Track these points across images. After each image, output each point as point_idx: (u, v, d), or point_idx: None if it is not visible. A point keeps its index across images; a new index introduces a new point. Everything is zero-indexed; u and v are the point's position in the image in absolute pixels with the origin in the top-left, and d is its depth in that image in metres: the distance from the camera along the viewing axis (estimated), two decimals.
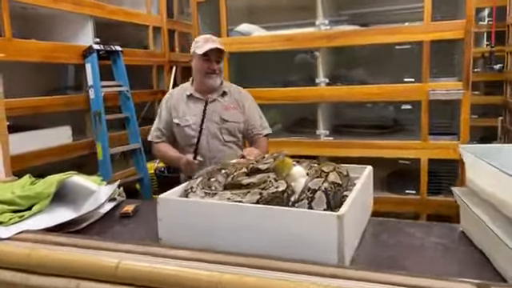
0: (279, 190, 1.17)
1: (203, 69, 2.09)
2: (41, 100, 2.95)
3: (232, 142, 2.14)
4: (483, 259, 1.13)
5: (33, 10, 3.02)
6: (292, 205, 1.19)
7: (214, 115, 2.11)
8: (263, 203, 1.15)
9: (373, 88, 2.73)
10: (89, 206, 1.51)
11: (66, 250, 1.14)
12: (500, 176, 1.03)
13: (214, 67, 2.09)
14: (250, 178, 1.27)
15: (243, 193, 1.19)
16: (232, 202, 1.16)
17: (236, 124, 2.14)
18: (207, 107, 2.06)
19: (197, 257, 1.08)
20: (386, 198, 2.81)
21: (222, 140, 2.12)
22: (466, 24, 2.44)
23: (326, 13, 2.81)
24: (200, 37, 2.17)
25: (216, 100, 2.14)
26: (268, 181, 1.21)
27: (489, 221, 1.10)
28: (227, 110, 2.14)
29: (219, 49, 2.07)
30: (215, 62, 2.09)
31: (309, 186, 1.19)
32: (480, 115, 4.86)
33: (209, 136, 2.10)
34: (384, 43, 2.69)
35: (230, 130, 2.13)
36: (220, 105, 2.14)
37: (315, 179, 1.21)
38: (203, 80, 2.12)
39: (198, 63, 2.10)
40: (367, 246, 1.24)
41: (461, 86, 2.50)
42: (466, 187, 1.35)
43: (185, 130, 2.11)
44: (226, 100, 2.16)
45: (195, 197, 1.24)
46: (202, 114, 2.05)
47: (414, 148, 2.66)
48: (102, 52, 3.28)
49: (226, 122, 2.12)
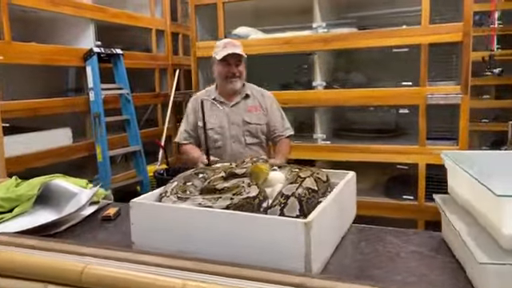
0: (250, 196, 1.15)
1: (223, 73, 2.16)
2: (41, 102, 2.98)
3: (254, 143, 2.19)
4: (459, 269, 1.09)
5: (33, 13, 3.06)
6: (264, 211, 1.17)
7: (236, 118, 2.17)
8: (233, 209, 1.13)
9: (370, 92, 2.70)
10: (70, 209, 1.51)
11: (36, 252, 1.14)
12: (473, 183, 1.00)
13: (233, 71, 2.14)
14: (225, 183, 1.25)
15: (215, 198, 1.17)
16: (202, 207, 1.14)
17: (258, 126, 2.18)
18: (230, 110, 2.15)
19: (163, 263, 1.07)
20: (384, 204, 2.77)
21: (243, 142, 2.16)
22: (464, 26, 2.39)
23: (324, 16, 2.79)
24: (220, 42, 2.25)
25: (239, 103, 2.20)
26: (241, 186, 1.18)
27: (463, 229, 1.07)
28: (250, 112, 2.19)
29: (238, 53, 2.11)
30: (234, 65, 2.14)
31: (282, 192, 1.16)
32: (491, 119, 4.75)
33: (231, 139, 2.16)
34: (381, 46, 2.65)
35: (252, 132, 2.18)
36: (242, 107, 2.19)
37: (290, 185, 1.19)
38: (224, 84, 2.18)
39: (218, 68, 2.17)
40: (342, 253, 1.21)
41: (459, 90, 2.45)
42: (449, 194, 1.32)
43: (208, 133, 2.13)
44: (249, 103, 2.21)
45: (168, 201, 1.23)
46: (224, 118, 2.14)
47: (411, 153, 2.62)
48: (102, 55, 3.31)
49: (249, 124, 2.17)
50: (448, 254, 1.19)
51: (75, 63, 3.24)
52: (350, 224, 1.42)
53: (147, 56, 4.07)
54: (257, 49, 2.92)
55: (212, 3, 3.00)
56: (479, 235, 1.02)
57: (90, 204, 1.61)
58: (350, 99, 2.74)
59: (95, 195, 1.65)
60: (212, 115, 2.16)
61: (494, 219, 0.94)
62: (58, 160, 3.05)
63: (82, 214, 1.56)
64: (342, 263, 1.16)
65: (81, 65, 3.26)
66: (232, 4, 2.97)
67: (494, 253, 0.93)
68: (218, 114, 2.17)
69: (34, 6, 2.89)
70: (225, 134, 2.15)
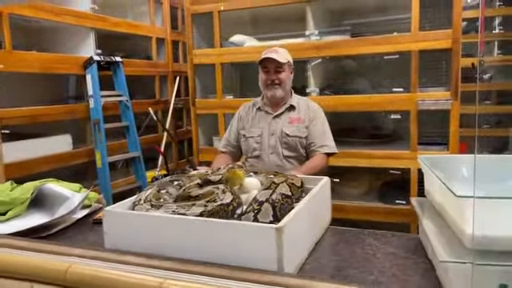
0: (224, 203, 1.16)
1: (263, 80, 2.13)
2: (42, 109, 3.05)
3: (292, 157, 2.12)
4: (431, 269, 1.12)
5: (36, 22, 3.14)
6: (238, 217, 1.18)
7: (277, 129, 2.13)
8: (207, 216, 1.13)
9: (362, 98, 2.74)
10: (61, 212, 1.56)
11: (25, 253, 1.19)
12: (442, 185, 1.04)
13: (272, 78, 2.09)
14: (199, 190, 1.26)
15: (188, 205, 1.17)
16: (176, 214, 1.15)
17: (298, 139, 2.11)
18: (272, 120, 2.12)
19: (145, 262, 1.11)
20: (378, 208, 2.80)
21: (280, 154, 2.11)
22: (453, 33, 2.43)
23: (317, 24, 2.84)
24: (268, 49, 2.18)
25: (282, 114, 2.16)
26: (215, 193, 1.20)
27: (434, 231, 1.10)
28: (291, 123, 2.13)
29: (275, 58, 2.05)
30: (274, 72, 2.09)
31: (256, 198, 1.18)
32: (493, 125, 4.75)
33: (269, 150, 2.12)
34: (373, 53, 2.70)
35: (290, 145, 2.11)
36: (284, 118, 2.15)
37: (264, 190, 1.20)
38: (265, 91, 2.16)
39: (260, 75, 2.15)
40: (319, 255, 1.25)
41: (449, 96, 2.49)
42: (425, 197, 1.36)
43: (249, 141, 2.16)
44: (292, 114, 2.15)
45: (141, 209, 1.23)
46: (266, 127, 2.12)
47: (403, 158, 2.64)
48: (102, 63, 3.38)
49: (288, 136, 2.11)
50: (422, 255, 1.23)
51: (75, 71, 3.31)
52: (327, 227, 1.45)
53: (148, 63, 4.14)
54: (252, 56, 2.97)
55: (208, 12, 3.07)
56: (448, 236, 1.05)
57: (82, 207, 1.67)
58: (343, 105, 2.78)
59: (87, 199, 1.70)
60: (254, 124, 2.17)
61: (458, 219, 0.98)
62: (58, 166, 3.10)
63: (73, 217, 1.62)
64: (320, 263, 1.20)
65: (81, 73, 3.33)
66: (227, 12, 3.03)
67: (458, 252, 0.96)
68: (260, 123, 2.17)
69: (36, 15, 2.96)
70: (264, 143, 2.13)
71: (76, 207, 1.58)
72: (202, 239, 1.10)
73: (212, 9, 3.04)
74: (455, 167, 1.33)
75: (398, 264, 1.17)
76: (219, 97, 3.12)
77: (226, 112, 3.12)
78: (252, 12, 3.16)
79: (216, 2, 3.03)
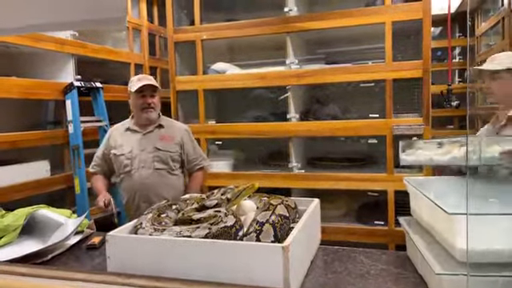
0: (228, 225, 1.22)
1: (139, 104, 2.32)
2: (20, 135, 3.00)
3: (163, 169, 2.31)
4: (422, 283, 1.21)
5: (15, 48, 3.13)
6: (240, 238, 1.23)
7: (148, 145, 2.31)
8: (211, 237, 1.18)
9: (340, 123, 2.86)
10: (55, 238, 1.56)
11: (25, 279, 1.19)
12: (431, 204, 1.14)
13: (148, 101, 2.31)
14: (199, 214, 1.30)
15: (192, 228, 1.22)
16: (181, 237, 1.19)
17: (168, 153, 2.33)
18: (142, 137, 2.31)
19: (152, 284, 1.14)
20: (356, 229, 2.89)
21: (152, 167, 2.29)
22: (423, 64, 2.61)
23: (296, 52, 2.97)
24: (134, 77, 2.44)
25: (152, 132, 2.35)
26: (218, 216, 1.25)
27: (424, 246, 1.19)
28: (161, 140, 2.34)
29: (153, 85, 2.30)
30: (149, 96, 2.32)
31: (257, 219, 1.24)
32: None
33: (141, 163, 2.28)
34: (350, 81, 2.85)
35: (162, 158, 2.31)
36: (155, 136, 2.35)
37: (263, 212, 1.27)
38: (140, 114, 2.34)
39: (134, 99, 2.34)
40: (317, 273, 1.31)
41: (422, 122, 2.65)
42: (412, 217, 1.45)
43: (120, 159, 2.31)
44: (162, 132, 2.37)
45: (145, 233, 1.25)
46: (136, 144, 2.29)
47: (380, 180, 2.76)
48: (82, 88, 3.38)
49: (159, 150, 2.31)
50: (411, 269, 1.31)
51: (55, 97, 3.29)
52: (317, 247, 1.52)
53: (125, 89, 4.13)
54: (234, 83, 3.07)
55: (191, 41, 3.15)
56: (437, 251, 1.15)
57: (75, 233, 1.67)
58: (322, 130, 2.89)
59: (79, 225, 1.70)
60: (124, 143, 2.33)
61: (449, 235, 1.07)
62: (35, 192, 3.05)
63: (67, 244, 1.62)
64: (318, 281, 1.26)
65: (60, 98, 3.32)
66: (210, 41, 3.13)
67: (449, 265, 1.05)
68: (129, 141, 2.33)
69: (18, 42, 2.95)
70: (135, 159, 2.29)
71: (71, 233, 1.59)
72: (208, 260, 1.14)
73: (195, 38, 3.13)
74: (434, 187, 1.44)
75: (391, 280, 1.25)
76: (202, 122, 3.17)
77: (209, 137, 3.17)
78: (233, 41, 3.27)
79: (198, 31, 3.12)
